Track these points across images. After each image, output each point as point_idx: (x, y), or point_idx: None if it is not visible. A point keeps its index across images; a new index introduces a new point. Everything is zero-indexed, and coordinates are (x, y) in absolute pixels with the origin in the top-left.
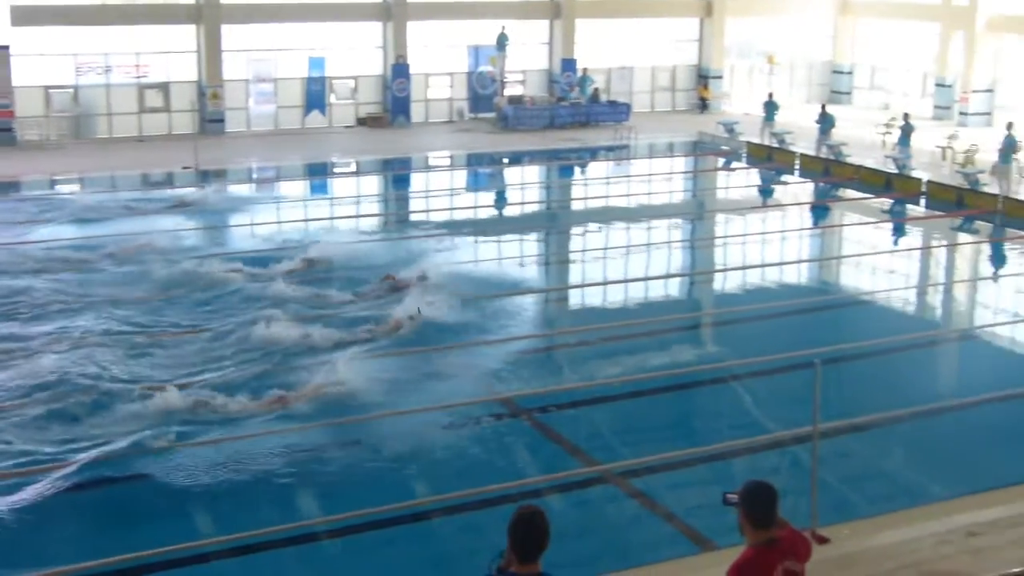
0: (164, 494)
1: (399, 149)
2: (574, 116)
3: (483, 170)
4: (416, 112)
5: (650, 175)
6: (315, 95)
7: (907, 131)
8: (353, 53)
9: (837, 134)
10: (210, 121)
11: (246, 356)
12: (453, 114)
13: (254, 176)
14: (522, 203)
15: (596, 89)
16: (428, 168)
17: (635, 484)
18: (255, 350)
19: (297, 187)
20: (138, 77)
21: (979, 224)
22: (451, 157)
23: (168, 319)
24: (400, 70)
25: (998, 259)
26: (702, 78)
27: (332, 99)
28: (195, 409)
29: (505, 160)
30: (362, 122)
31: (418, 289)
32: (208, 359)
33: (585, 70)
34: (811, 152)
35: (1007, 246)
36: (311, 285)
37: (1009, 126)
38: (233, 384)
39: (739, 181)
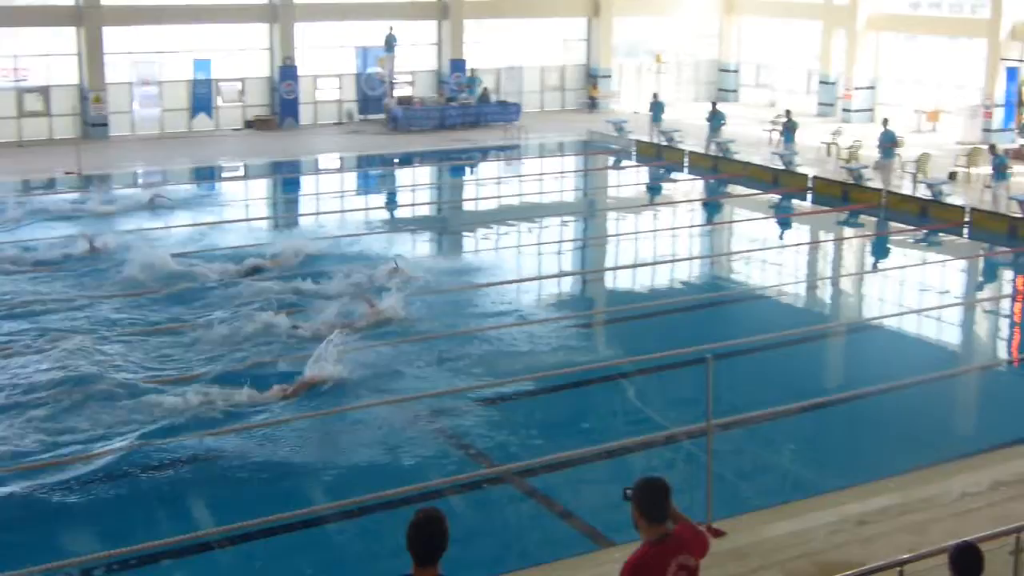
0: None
1: (288, 152)
2: (464, 117)
3: (374, 172)
4: (305, 114)
5: (541, 174)
6: (201, 98)
7: (791, 128)
8: (240, 55)
9: (725, 131)
10: (93, 125)
11: (240, 349)
12: (342, 116)
13: (139, 181)
14: (413, 204)
15: (485, 89)
16: (318, 171)
17: (532, 483)
18: (246, 343)
19: (185, 191)
20: (17, 81)
21: (864, 218)
22: (341, 159)
23: (152, 315)
24: (288, 72)
25: (882, 252)
26: (591, 77)
27: (219, 102)
28: (204, 402)
29: (396, 161)
30: (250, 125)
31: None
32: (204, 353)
33: (474, 70)
34: (700, 150)
35: (891, 239)
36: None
37: (885, 122)
38: (234, 377)
39: (629, 179)
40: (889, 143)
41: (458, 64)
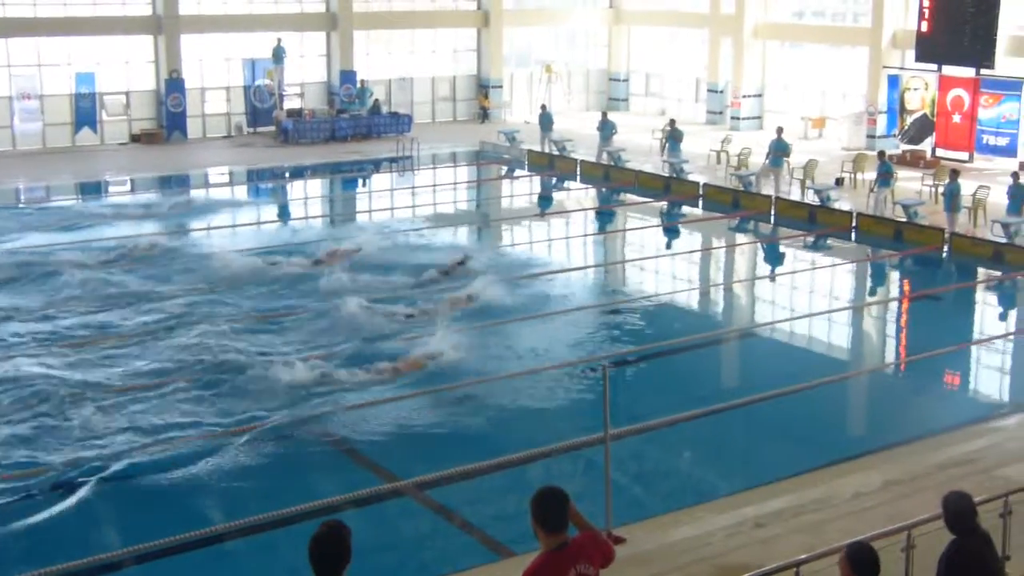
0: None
1: (176, 166)
2: (355, 128)
3: (264, 185)
4: (193, 127)
5: (433, 185)
6: (85, 112)
7: (675, 137)
8: (124, 68)
9: (616, 140)
10: None
11: (343, 334)
12: (231, 129)
13: (21, 196)
14: (305, 217)
15: (376, 101)
16: (207, 184)
17: (433, 496)
18: (347, 328)
19: (69, 207)
20: None
21: (754, 224)
22: (231, 173)
23: (255, 305)
24: (174, 85)
25: (774, 258)
26: (482, 88)
27: (103, 116)
28: (321, 381)
29: (287, 174)
30: (136, 139)
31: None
32: (310, 338)
33: (364, 82)
34: (592, 159)
35: (781, 245)
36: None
37: (779, 130)
38: (345, 357)
39: (522, 189)
40: (780, 152)
41: (348, 75)
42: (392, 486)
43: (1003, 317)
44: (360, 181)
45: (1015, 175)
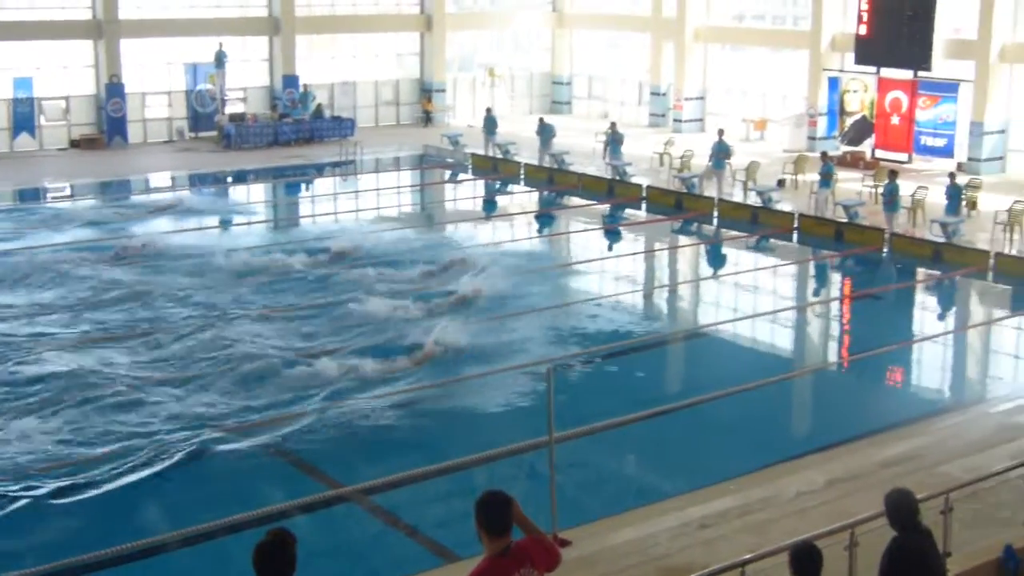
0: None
1: (116, 171)
2: (298, 133)
3: (207, 190)
4: (134, 132)
5: (377, 189)
6: (23, 117)
7: (616, 139)
8: (64, 73)
9: (560, 143)
10: None
11: (358, 328)
12: (173, 134)
13: None
14: (248, 222)
15: (319, 105)
16: (148, 190)
17: (378, 502)
18: (362, 323)
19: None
20: None
21: (697, 226)
22: (172, 178)
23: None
24: (115, 90)
25: (717, 259)
26: (425, 91)
27: (42, 121)
28: (347, 373)
29: (229, 179)
30: (76, 144)
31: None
32: (328, 332)
33: (307, 86)
34: (535, 162)
35: (725, 246)
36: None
37: (720, 132)
38: (363, 351)
39: (466, 192)
40: (722, 154)
41: (291, 80)
42: (337, 492)
43: (942, 316)
44: (303, 186)
45: (952, 176)
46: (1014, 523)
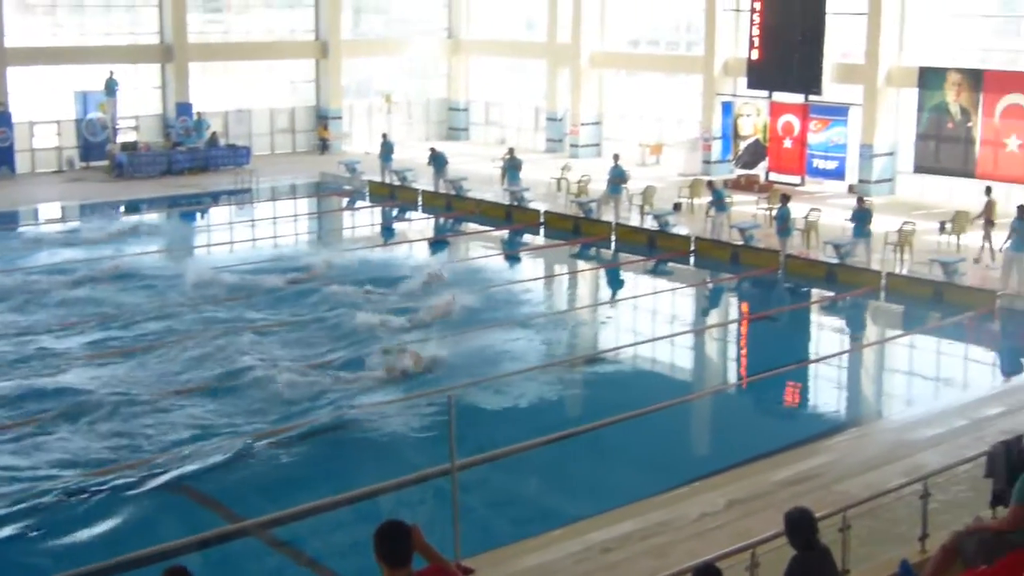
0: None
1: (3, 202)
2: (192, 161)
3: (97, 221)
4: (22, 162)
5: (274, 218)
6: None
7: (514, 165)
8: None
9: (457, 170)
10: None
11: (343, 340)
12: (63, 163)
13: None
14: (141, 253)
15: (214, 133)
16: (37, 221)
17: (278, 535)
18: (348, 335)
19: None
20: None
21: (595, 250)
22: (62, 208)
23: (253, 316)
24: (1, 119)
25: (616, 283)
26: (321, 119)
27: None
28: (335, 383)
29: (121, 209)
30: None
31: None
32: (313, 344)
33: (200, 114)
34: (433, 188)
35: (623, 270)
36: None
37: (616, 157)
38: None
39: (363, 220)
40: (618, 178)
41: (184, 108)
42: (237, 526)
43: (837, 336)
44: (198, 215)
45: (860, 200)
46: (910, 539)
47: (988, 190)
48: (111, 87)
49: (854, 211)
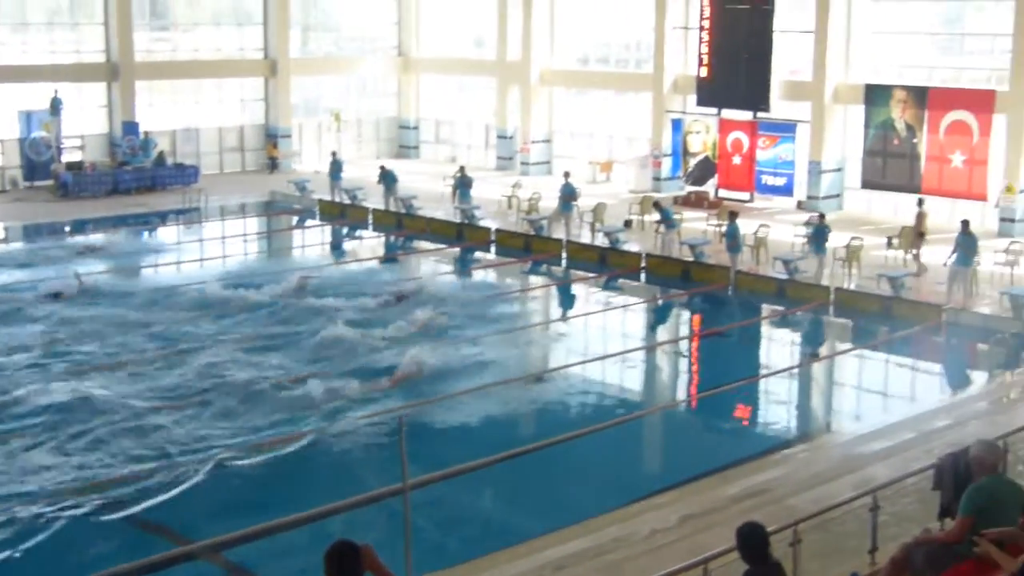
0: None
1: None
2: (139, 180)
3: (42, 242)
4: None
5: (223, 237)
6: None
7: (465, 183)
8: None
9: (408, 188)
10: None
11: (331, 353)
12: (6, 183)
13: None
14: (88, 273)
15: (161, 152)
16: None
17: (229, 557)
18: (334, 348)
19: None
20: None
21: (546, 267)
22: (5, 229)
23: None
24: None
25: (567, 300)
26: (270, 137)
27: None
28: (329, 394)
29: (67, 229)
30: None
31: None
32: (306, 357)
33: (147, 133)
34: (383, 207)
35: (574, 287)
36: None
37: (566, 175)
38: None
39: (314, 239)
40: (568, 196)
41: (131, 126)
42: (184, 549)
43: (787, 351)
44: (145, 234)
45: (821, 216)
46: (860, 552)
47: (920, 202)
48: (56, 106)
49: (814, 228)
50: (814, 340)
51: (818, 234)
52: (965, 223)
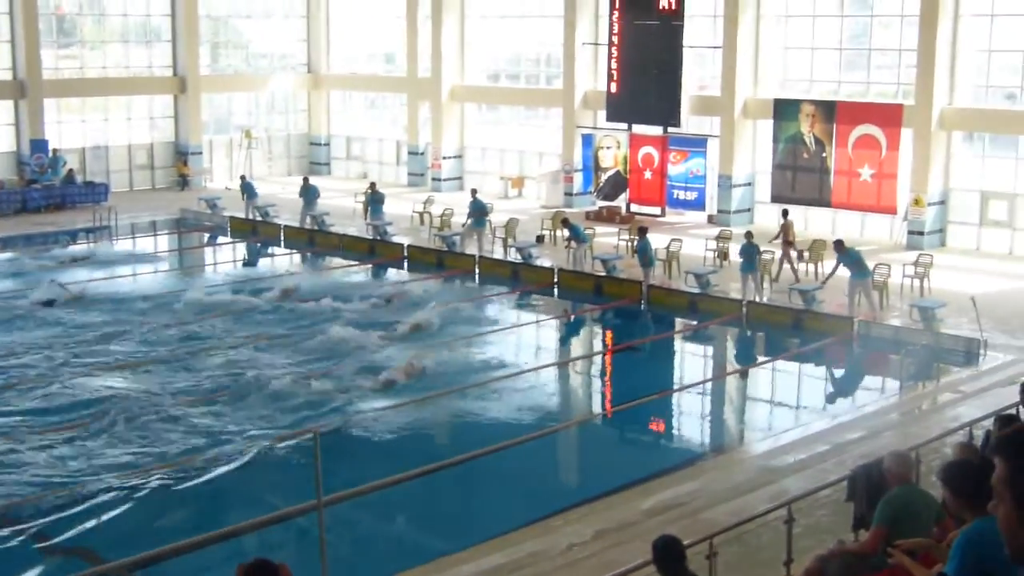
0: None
1: None
2: (48, 199)
3: None
4: None
5: (133, 255)
6: None
7: (376, 199)
8: None
9: (320, 205)
10: None
11: (338, 351)
12: None
13: None
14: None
15: (70, 170)
16: None
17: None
18: (340, 347)
19: None
20: None
21: (459, 283)
22: None
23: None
24: None
25: (480, 316)
26: (181, 154)
27: None
28: (341, 390)
29: None
30: None
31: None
32: (315, 355)
33: (56, 151)
34: (295, 224)
35: (487, 303)
36: None
37: (474, 192)
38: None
39: (225, 256)
40: (479, 212)
41: (39, 144)
42: (101, 568)
43: (700, 364)
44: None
45: (749, 234)
46: (775, 564)
47: (785, 213)
48: None
49: (743, 246)
50: (726, 354)
51: (748, 252)
52: (838, 243)
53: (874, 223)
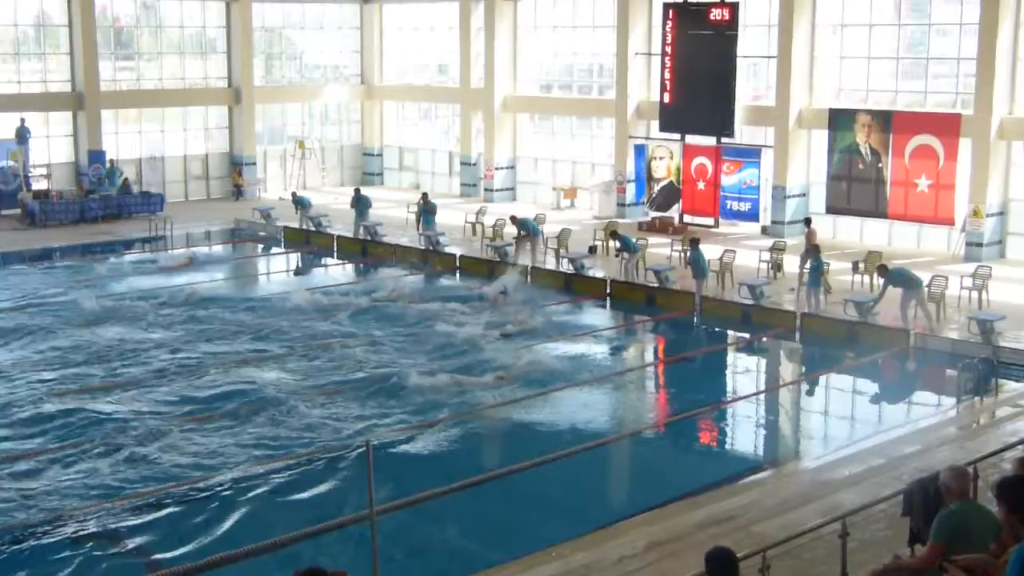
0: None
1: None
2: (106, 209)
3: (12, 269)
4: None
5: (223, 261)
6: None
7: (429, 210)
8: None
9: (372, 215)
10: None
11: (449, 349)
12: None
13: None
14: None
15: (126, 180)
16: None
17: None
18: (451, 344)
19: None
20: None
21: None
22: None
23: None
24: None
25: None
26: (235, 165)
27: None
28: (452, 386)
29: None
30: None
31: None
32: (424, 352)
33: (113, 161)
34: (348, 234)
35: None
36: None
37: (513, 219)
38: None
39: (279, 266)
40: (532, 228)
41: (97, 155)
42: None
43: (753, 376)
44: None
45: (816, 248)
46: None
47: (808, 221)
48: (22, 135)
49: (812, 261)
50: (780, 366)
51: (815, 268)
52: (882, 268)
53: (931, 234)
